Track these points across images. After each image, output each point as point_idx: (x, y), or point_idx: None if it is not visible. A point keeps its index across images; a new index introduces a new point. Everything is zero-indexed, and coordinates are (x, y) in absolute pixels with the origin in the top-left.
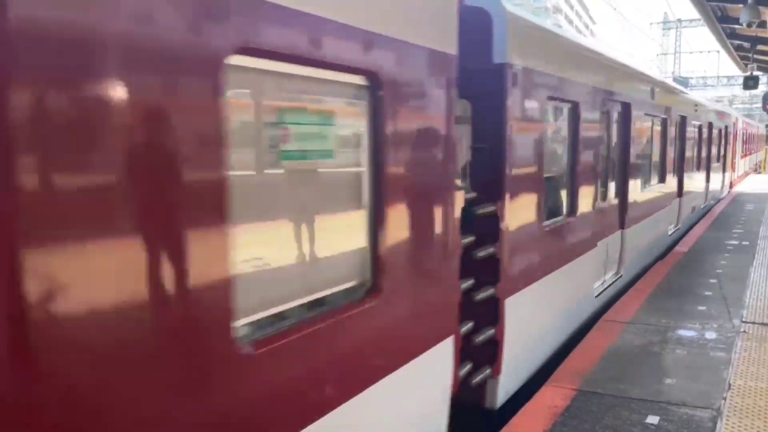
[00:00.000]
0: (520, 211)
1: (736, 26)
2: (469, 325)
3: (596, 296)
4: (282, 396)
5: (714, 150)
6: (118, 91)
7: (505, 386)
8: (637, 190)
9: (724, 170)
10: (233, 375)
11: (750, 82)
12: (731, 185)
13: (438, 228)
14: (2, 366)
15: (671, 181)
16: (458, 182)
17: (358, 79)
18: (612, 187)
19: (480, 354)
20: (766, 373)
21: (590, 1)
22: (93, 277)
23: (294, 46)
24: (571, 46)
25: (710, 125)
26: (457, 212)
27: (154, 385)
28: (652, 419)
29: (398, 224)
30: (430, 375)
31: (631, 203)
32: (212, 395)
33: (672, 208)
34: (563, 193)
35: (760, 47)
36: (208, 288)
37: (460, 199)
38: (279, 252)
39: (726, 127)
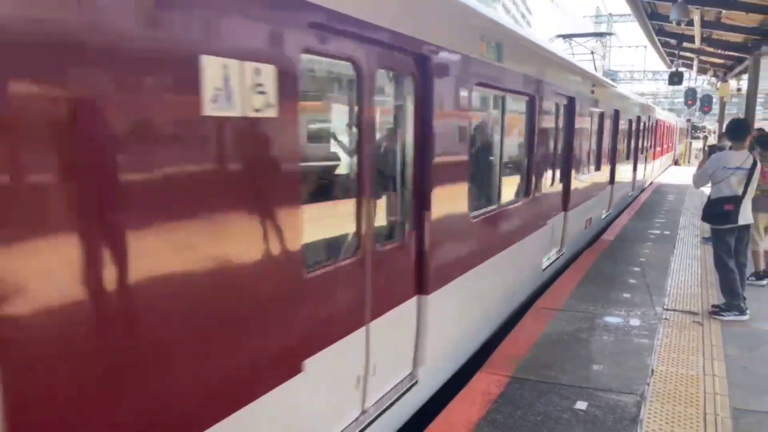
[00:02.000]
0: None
1: (665, 23)
2: None
3: (543, 269)
4: (334, 301)
5: (641, 142)
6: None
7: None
8: (577, 178)
9: (647, 161)
10: (305, 291)
11: (675, 78)
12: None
13: None
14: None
15: (605, 170)
16: None
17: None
18: (558, 173)
19: None
20: (686, 359)
21: None
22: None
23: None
24: (526, 43)
25: (638, 119)
26: None
27: (276, 294)
28: (581, 405)
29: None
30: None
31: (573, 189)
32: (297, 299)
33: (605, 194)
34: (520, 177)
35: (685, 44)
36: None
37: None
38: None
39: (652, 120)
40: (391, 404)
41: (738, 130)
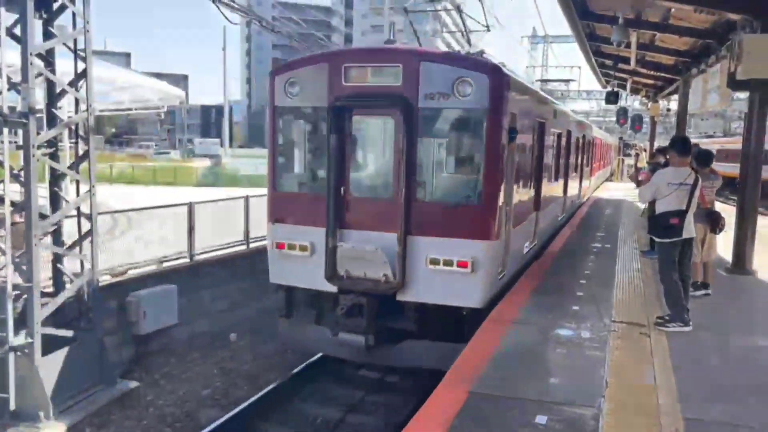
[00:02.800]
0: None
1: (602, 44)
2: None
3: (525, 253)
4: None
5: (585, 157)
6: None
7: None
8: (545, 185)
9: (590, 174)
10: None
11: (611, 97)
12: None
13: None
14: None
15: (561, 181)
16: None
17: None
18: (532, 181)
19: None
20: (637, 370)
21: (471, 9)
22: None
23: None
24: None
25: (584, 137)
26: None
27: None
28: (541, 419)
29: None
30: None
31: (542, 194)
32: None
33: (560, 200)
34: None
35: (621, 65)
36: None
37: None
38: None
39: (593, 138)
40: (531, 248)
41: (685, 146)
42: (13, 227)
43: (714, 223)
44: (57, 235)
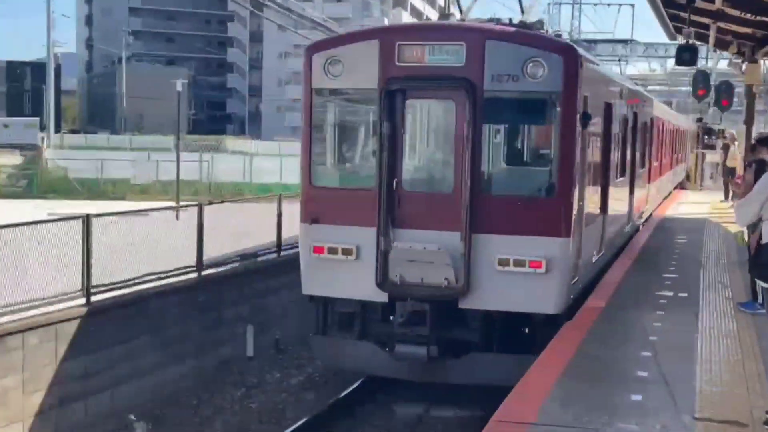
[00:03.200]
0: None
1: None
2: None
3: (594, 262)
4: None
5: (648, 150)
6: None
7: None
8: (612, 183)
9: (655, 175)
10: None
11: (685, 54)
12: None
13: None
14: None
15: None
16: None
17: None
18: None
19: None
20: None
21: None
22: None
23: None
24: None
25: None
26: None
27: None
28: None
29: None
30: None
31: (610, 195)
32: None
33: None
34: None
35: (700, 3)
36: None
37: None
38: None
39: (656, 119)
40: (598, 258)
41: None
42: None
43: None
44: None
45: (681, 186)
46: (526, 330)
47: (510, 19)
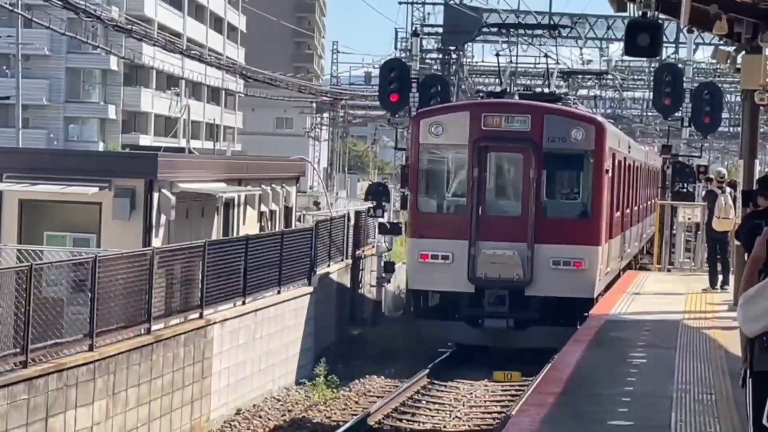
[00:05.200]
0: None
1: None
2: None
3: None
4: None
5: (646, 190)
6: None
7: None
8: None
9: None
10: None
11: (641, 37)
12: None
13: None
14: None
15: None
16: None
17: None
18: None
19: None
20: None
21: None
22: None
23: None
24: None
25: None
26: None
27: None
28: None
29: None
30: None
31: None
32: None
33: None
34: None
35: None
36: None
37: None
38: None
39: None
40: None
41: None
42: None
43: None
44: None
45: (638, 264)
46: (570, 309)
47: (542, 89)
